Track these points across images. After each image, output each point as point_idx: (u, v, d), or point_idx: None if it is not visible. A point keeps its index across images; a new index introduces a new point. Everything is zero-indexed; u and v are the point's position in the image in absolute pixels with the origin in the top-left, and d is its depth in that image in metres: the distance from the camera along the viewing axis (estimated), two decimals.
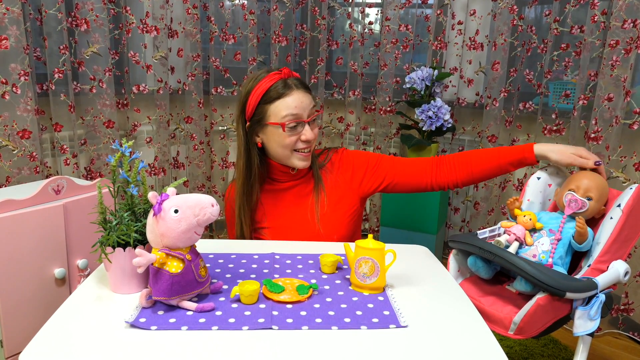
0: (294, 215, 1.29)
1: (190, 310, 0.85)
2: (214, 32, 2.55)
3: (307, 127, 1.19)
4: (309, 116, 1.20)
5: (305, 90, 1.21)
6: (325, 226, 1.26)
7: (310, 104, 1.20)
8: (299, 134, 1.20)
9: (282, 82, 1.18)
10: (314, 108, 1.21)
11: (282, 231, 1.29)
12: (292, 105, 1.17)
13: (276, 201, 1.30)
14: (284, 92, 1.18)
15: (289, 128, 1.19)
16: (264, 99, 1.19)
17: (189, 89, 2.50)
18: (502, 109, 2.38)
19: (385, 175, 1.29)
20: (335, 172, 1.31)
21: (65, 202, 1.28)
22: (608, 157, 1.97)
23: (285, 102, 1.17)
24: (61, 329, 0.79)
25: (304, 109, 1.19)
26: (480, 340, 0.81)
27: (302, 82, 1.22)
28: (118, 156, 0.90)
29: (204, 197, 0.85)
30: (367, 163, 1.31)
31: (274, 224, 1.29)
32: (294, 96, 1.18)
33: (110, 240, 0.86)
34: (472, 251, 1.11)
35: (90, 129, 2.19)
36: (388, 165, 1.30)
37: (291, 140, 1.20)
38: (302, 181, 1.30)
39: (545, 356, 1.74)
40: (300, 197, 1.29)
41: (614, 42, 1.94)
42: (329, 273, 1.04)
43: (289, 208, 1.29)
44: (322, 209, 1.27)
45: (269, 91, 1.18)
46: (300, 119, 1.19)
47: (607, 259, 1.09)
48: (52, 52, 2.00)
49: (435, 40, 2.57)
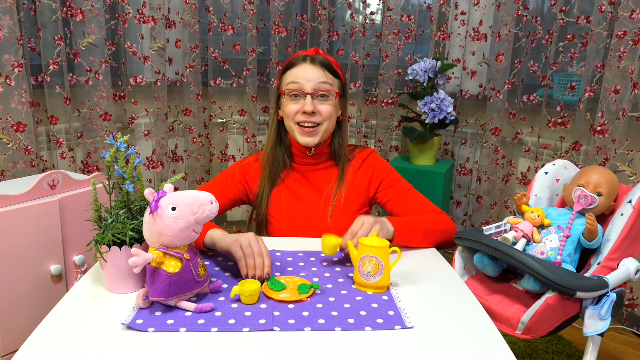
0: (308, 204, 1.26)
1: (189, 310, 0.82)
2: (213, 23, 2.50)
3: (308, 99, 1.18)
4: (314, 89, 1.18)
5: (320, 66, 1.20)
6: (335, 222, 1.24)
7: (318, 78, 1.19)
8: (301, 105, 1.19)
9: (303, 56, 1.22)
10: (325, 84, 1.19)
11: (292, 221, 1.26)
12: (296, 74, 1.20)
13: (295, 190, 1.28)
14: (296, 62, 1.21)
15: (289, 96, 1.21)
16: (285, 68, 1.24)
17: (187, 81, 2.46)
18: (506, 101, 2.34)
19: (390, 198, 1.27)
20: (356, 170, 1.29)
21: (61, 197, 1.25)
22: (614, 151, 1.94)
23: (293, 71, 1.21)
24: (55, 331, 0.76)
25: (308, 81, 1.18)
26: (488, 341, 0.78)
27: (322, 60, 1.21)
28: (113, 151, 0.86)
29: (203, 194, 0.82)
30: (387, 176, 1.29)
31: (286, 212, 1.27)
32: (302, 67, 1.20)
33: (105, 238, 0.83)
34: (479, 249, 1.08)
35: (86, 121, 2.15)
36: (398, 191, 1.27)
37: (291, 109, 1.20)
38: (322, 167, 1.28)
39: (549, 352, 1.72)
40: (319, 186, 1.28)
41: (622, 32, 1.90)
42: (329, 255, 1.02)
43: (305, 197, 1.27)
44: (338, 204, 1.25)
45: (289, 62, 1.23)
46: (301, 89, 1.19)
47: (617, 257, 1.06)
48: (47, 42, 1.96)
49: (438, 31, 2.52)
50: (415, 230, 1.14)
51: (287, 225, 1.26)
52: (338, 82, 1.23)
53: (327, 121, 1.21)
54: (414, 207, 1.24)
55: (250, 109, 2.61)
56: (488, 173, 2.43)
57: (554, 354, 1.72)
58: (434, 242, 1.17)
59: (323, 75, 1.19)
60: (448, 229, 1.20)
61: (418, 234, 1.14)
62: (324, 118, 1.20)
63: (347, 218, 1.25)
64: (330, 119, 1.22)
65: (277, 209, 1.27)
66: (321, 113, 1.20)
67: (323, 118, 1.20)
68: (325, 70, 1.20)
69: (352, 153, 1.32)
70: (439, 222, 1.19)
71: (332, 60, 1.23)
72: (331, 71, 1.21)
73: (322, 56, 1.22)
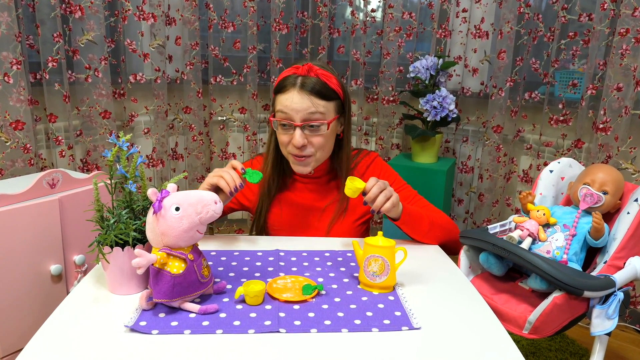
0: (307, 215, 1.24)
1: (193, 312, 0.81)
2: (213, 20, 2.48)
3: (297, 132, 1.10)
4: (304, 120, 1.09)
5: (309, 93, 1.09)
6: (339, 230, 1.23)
7: (307, 108, 1.08)
8: (291, 136, 1.12)
9: (292, 77, 1.12)
10: (316, 114, 1.09)
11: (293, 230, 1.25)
12: (285, 103, 1.10)
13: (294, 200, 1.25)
14: (285, 86, 1.12)
15: (278, 125, 1.14)
16: (276, 90, 1.16)
17: (187, 78, 2.44)
18: (508, 99, 2.33)
19: None
20: (359, 176, 1.24)
21: (61, 196, 1.24)
22: (617, 148, 1.93)
23: (282, 97, 1.12)
24: (57, 333, 0.75)
25: (296, 112, 1.09)
26: (496, 342, 0.77)
27: (314, 84, 1.10)
28: (115, 150, 0.85)
29: (206, 194, 0.81)
30: (392, 182, 1.25)
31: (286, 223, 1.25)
32: (289, 94, 1.10)
33: (107, 239, 0.82)
34: (485, 248, 1.07)
35: (86, 119, 2.13)
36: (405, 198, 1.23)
37: (283, 139, 1.14)
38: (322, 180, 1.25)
39: (552, 350, 1.72)
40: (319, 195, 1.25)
41: (624, 30, 1.89)
42: (351, 196, 1.04)
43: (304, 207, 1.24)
44: (340, 216, 1.23)
45: (280, 83, 1.14)
46: (290, 120, 1.10)
47: (623, 255, 1.05)
48: (46, 39, 1.94)
49: (439, 29, 2.51)
50: (421, 218, 1.13)
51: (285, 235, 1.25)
52: (333, 104, 1.13)
53: (320, 151, 1.14)
54: None
55: (251, 107, 2.59)
56: (490, 171, 2.42)
57: (557, 352, 1.71)
58: (437, 237, 1.16)
59: (312, 105, 1.09)
60: (452, 229, 1.19)
61: (424, 223, 1.13)
62: (317, 149, 1.13)
63: (349, 227, 1.23)
64: (323, 148, 1.14)
65: (277, 220, 1.25)
66: (313, 144, 1.12)
67: (315, 149, 1.13)
68: (315, 97, 1.09)
69: (355, 159, 1.27)
70: (445, 221, 1.18)
71: (327, 78, 1.11)
72: (324, 96, 1.10)
73: (315, 77, 1.10)
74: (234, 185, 1.05)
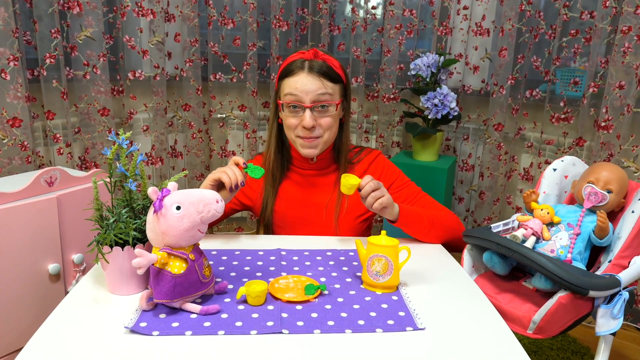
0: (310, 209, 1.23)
1: (195, 313, 0.80)
2: (213, 17, 2.46)
3: (307, 113, 1.12)
4: (313, 102, 1.12)
5: (318, 74, 1.12)
6: (342, 226, 1.22)
7: (318, 89, 1.12)
8: (300, 118, 1.14)
9: (299, 61, 1.14)
10: (325, 95, 1.12)
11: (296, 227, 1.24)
12: (294, 85, 1.12)
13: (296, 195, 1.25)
14: (293, 70, 1.14)
15: (288, 108, 1.15)
16: (282, 75, 1.17)
17: (186, 75, 2.42)
18: (509, 97, 2.32)
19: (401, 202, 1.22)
20: (362, 173, 1.24)
21: (59, 194, 1.22)
22: (619, 147, 1.92)
23: (291, 80, 1.13)
24: (55, 335, 0.74)
25: (307, 93, 1.11)
26: (502, 342, 0.77)
27: (321, 66, 1.13)
28: (115, 148, 0.83)
29: (208, 193, 0.79)
30: (395, 180, 1.26)
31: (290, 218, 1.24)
32: (299, 77, 1.12)
33: (107, 239, 0.80)
34: (489, 247, 1.06)
35: (84, 116, 2.11)
36: (408, 195, 1.24)
37: (291, 122, 1.15)
38: (323, 172, 1.25)
39: (554, 349, 1.71)
40: (321, 189, 1.24)
41: (626, 28, 1.87)
42: (347, 194, 1.05)
43: (307, 202, 1.24)
44: (342, 208, 1.22)
45: (286, 67, 1.16)
46: (300, 102, 1.12)
47: (628, 254, 1.04)
48: (43, 36, 1.92)
49: (440, 26, 2.49)
50: (421, 219, 1.13)
51: (290, 231, 1.24)
52: (339, 86, 1.16)
53: (328, 132, 1.16)
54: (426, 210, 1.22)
55: (251, 104, 2.57)
56: (491, 169, 2.41)
57: (559, 351, 1.70)
58: (439, 237, 1.16)
59: (322, 86, 1.12)
60: (456, 227, 1.18)
61: (424, 223, 1.13)
62: (325, 130, 1.15)
63: (351, 220, 1.22)
64: (331, 129, 1.16)
65: (281, 215, 1.24)
66: (322, 126, 1.14)
67: (324, 130, 1.15)
68: (324, 79, 1.13)
69: (358, 155, 1.28)
70: (448, 220, 1.17)
71: (332, 62, 1.16)
72: (331, 78, 1.14)
73: (321, 60, 1.14)
74: (235, 181, 1.05)
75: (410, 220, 1.12)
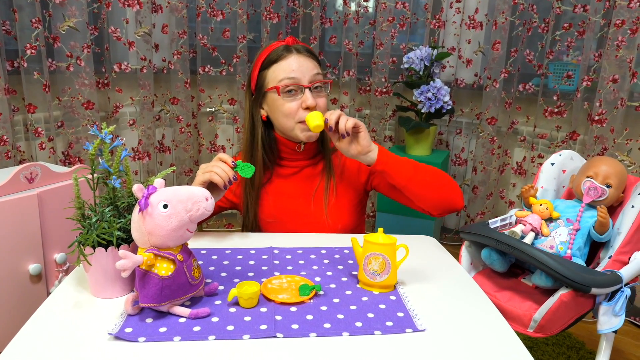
0: (299, 201, 1.20)
1: (183, 317, 0.75)
2: (201, 8, 2.40)
3: (307, 93, 1.09)
4: (311, 82, 1.10)
5: (308, 55, 1.11)
6: (332, 215, 1.17)
7: (312, 69, 1.10)
8: (300, 101, 1.10)
9: (283, 47, 1.11)
10: (319, 75, 1.11)
11: (285, 220, 1.20)
12: (289, 68, 1.09)
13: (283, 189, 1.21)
14: (283, 54, 1.10)
15: (285, 92, 1.10)
16: (264, 65, 1.12)
17: (174, 68, 2.36)
18: (502, 90, 2.30)
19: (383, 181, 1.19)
20: (345, 158, 1.22)
21: (40, 191, 1.17)
22: (613, 140, 1.91)
23: (282, 64, 1.10)
24: (34, 341, 0.69)
25: (304, 73, 1.09)
26: (504, 344, 0.74)
27: (307, 48, 1.13)
28: (97, 143, 0.79)
29: (197, 190, 0.75)
30: None
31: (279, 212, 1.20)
32: (292, 58, 1.09)
33: (89, 239, 0.76)
34: (489, 244, 1.04)
35: (67, 110, 2.05)
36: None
37: (291, 107, 1.10)
38: (310, 162, 1.21)
39: (549, 344, 1.70)
40: (308, 181, 1.21)
41: (620, 21, 1.86)
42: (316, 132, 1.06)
43: (295, 194, 1.21)
44: (331, 197, 1.19)
45: (269, 56, 1.12)
46: (298, 83, 1.09)
47: (628, 250, 1.02)
48: (24, 25, 1.84)
49: (433, 19, 2.46)
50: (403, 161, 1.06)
51: (280, 225, 1.20)
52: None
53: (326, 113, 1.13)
54: None
55: (241, 98, 2.52)
56: (484, 163, 2.40)
57: (554, 346, 1.70)
58: (427, 185, 1.06)
59: (316, 66, 1.12)
60: (446, 181, 1.09)
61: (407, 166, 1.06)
62: (323, 111, 1.12)
63: (341, 208, 1.19)
64: (326, 111, 1.13)
65: (267, 212, 1.21)
66: (320, 107, 1.12)
67: (322, 111, 1.12)
68: (314, 59, 1.13)
69: None
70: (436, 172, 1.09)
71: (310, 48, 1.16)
72: (317, 60, 1.14)
73: (303, 45, 1.13)
74: (227, 178, 1.00)
75: (391, 159, 1.05)
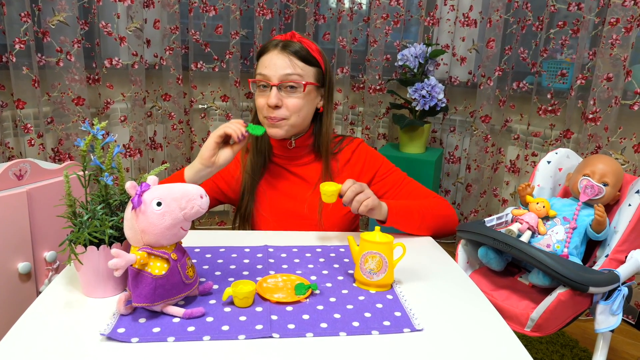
0: (294, 202, 1.18)
1: (177, 316, 0.74)
2: (194, 3, 2.37)
3: (273, 91, 1.08)
4: (280, 80, 1.09)
5: (289, 54, 1.09)
6: (326, 220, 1.16)
7: (285, 67, 1.08)
8: (268, 97, 1.10)
9: (275, 41, 1.12)
10: (293, 75, 1.08)
11: (279, 219, 1.18)
12: (264, 63, 1.11)
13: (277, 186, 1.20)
14: (267, 48, 1.12)
15: (259, 87, 1.13)
16: (257, 55, 1.16)
17: (166, 64, 2.33)
18: (496, 88, 2.30)
19: (387, 190, 1.20)
20: (345, 163, 1.21)
21: (29, 188, 1.14)
22: (607, 139, 1.92)
23: (263, 58, 1.12)
24: (23, 342, 0.67)
25: (275, 71, 1.09)
26: (503, 343, 0.73)
27: (295, 47, 1.09)
28: (89, 139, 0.77)
29: (191, 188, 0.73)
30: (379, 168, 1.22)
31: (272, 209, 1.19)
32: (269, 55, 1.10)
33: (81, 238, 0.74)
34: (486, 242, 1.03)
35: (57, 106, 2.01)
36: (394, 182, 1.21)
37: (260, 102, 1.13)
38: (305, 161, 1.20)
39: (543, 342, 1.71)
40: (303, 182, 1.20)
41: (614, 20, 1.86)
42: (329, 202, 1.02)
43: (290, 193, 1.19)
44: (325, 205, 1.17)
45: (262, 47, 1.15)
46: (267, 80, 1.10)
47: (625, 249, 1.02)
48: (12, 20, 1.81)
49: (427, 16, 2.45)
50: (411, 213, 1.09)
51: (273, 223, 1.18)
52: (314, 70, 1.12)
53: (295, 115, 1.10)
54: (414, 197, 1.18)
55: (233, 95, 2.50)
56: (477, 161, 2.40)
57: (548, 344, 1.70)
58: (432, 228, 1.12)
59: (291, 66, 1.09)
60: (448, 214, 1.14)
61: (415, 217, 1.09)
62: (291, 112, 1.10)
63: (336, 212, 1.18)
64: (299, 112, 1.11)
65: (262, 206, 1.19)
66: (287, 107, 1.09)
67: (290, 112, 1.10)
68: (295, 58, 1.09)
69: (339, 144, 1.23)
70: (438, 207, 1.14)
71: (309, 45, 1.12)
72: (305, 60, 1.10)
73: (298, 42, 1.11)
74: (240, 132, 1.04)
75: (401, 217, 1.09)
